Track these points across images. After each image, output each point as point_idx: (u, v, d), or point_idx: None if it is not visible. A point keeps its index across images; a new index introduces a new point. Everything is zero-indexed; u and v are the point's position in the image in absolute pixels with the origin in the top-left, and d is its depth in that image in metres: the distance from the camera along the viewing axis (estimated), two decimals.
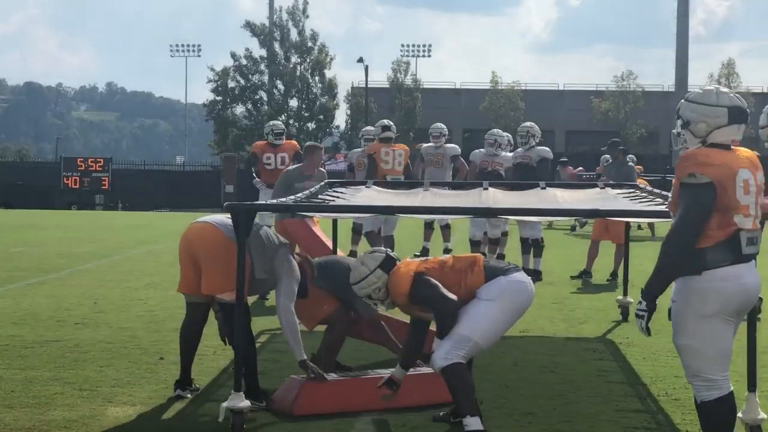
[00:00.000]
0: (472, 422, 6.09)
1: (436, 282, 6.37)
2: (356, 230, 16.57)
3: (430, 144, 17.00)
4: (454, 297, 6.32)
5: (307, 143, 13.45)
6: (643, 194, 9.30)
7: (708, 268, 5.09)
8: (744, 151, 5.25)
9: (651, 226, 24.91)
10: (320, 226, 12.59)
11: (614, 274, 14.80)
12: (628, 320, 10.97)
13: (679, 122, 5.33)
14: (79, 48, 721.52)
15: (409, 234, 15.37)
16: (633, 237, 20.71)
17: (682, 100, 5.40)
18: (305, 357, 7.10)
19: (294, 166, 13.16)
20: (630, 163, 16.69)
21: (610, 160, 25.85)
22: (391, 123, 16.32)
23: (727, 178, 5.04)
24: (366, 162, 16.01)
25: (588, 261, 15.10)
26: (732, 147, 5.21)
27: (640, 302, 5.22)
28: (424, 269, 6.48)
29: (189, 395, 7.36)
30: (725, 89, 5.33)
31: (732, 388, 5.30)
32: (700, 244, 5.08)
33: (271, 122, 16.42)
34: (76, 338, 9.62)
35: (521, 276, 6.51)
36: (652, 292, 5.20)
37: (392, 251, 6.76)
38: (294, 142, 16.93)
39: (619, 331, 10.44)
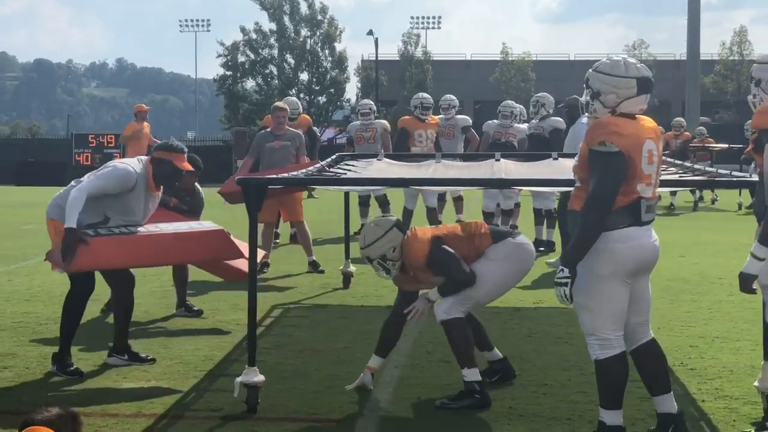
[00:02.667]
0: (470, 373, 6.51)
1: (452, 250, 6.65)
2: (363, 203, 16.57)
3: (440, 116, 16.94)
4: (467, 268, 6.63)
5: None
6: None
7: (606, 230, 5.26)
8: (648, 121, 5.44)
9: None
10: (332, 199, 12.60)
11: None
12: None
13: (587, 92, 5.45)
14: (89, 24, 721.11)
15: (421, 207, 15.33)
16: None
17: (590, 71, 5.50)
18: (74, 226, 7.07)
19: (265, 130, 13.30)
20: None
21: None
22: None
23: (635, 148, 5.20)
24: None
25: None
26: (637, 116, 5.39)
27: (561, 270, 5.31)
28: (440, 234, 6.76)
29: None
30: (632, 60, 5.48)
31: (624, 348, 5.45)
32: None
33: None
34: (89, 314, 9.59)
35: (526, 239, 6.92)
36: (573, 259, 5.30)
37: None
38: (307, 117, 16.90)
39: None
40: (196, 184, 9.61)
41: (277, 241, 14.91)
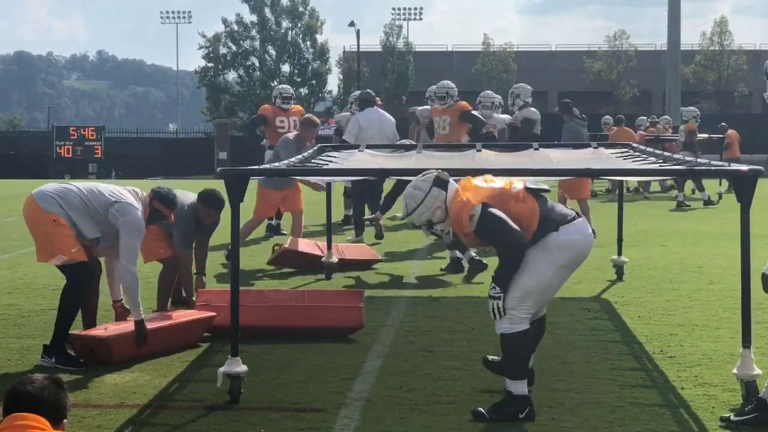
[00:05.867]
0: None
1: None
2: (348, 194, 16.61)
3: (424, 107, 16.96)
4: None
5: (308, 116, 13.59)
6: (636, 153, 9.30)
7: (563, 224, 5.81)
8: None
9: (642, 184, 24.91)
10: (310, 189, 12.68)
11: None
12: (623, 279, 11.00)
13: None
14: (69, 16, 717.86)
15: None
16: (628, 197, 20.75)
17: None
18: (143, 317, 7.49)
19: (295, 134, 13.26)
20: (574, 122, 16.19)
21: (610, 122, 25.53)
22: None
23: None
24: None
25: None
26: None
27: (493, 287, 5.79)
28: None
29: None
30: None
31: (528, 327, 5.90)
32: None
33: (280, 86, 16.74)
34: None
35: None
36: (507, 279, 5.79)
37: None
38: (300, 107, 17.01)
39: (613, 290, 10.46)
40: None
41: (284, 232, 14.97)
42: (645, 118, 29.95)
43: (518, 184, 6.05)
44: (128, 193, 7.68)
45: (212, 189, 9.05)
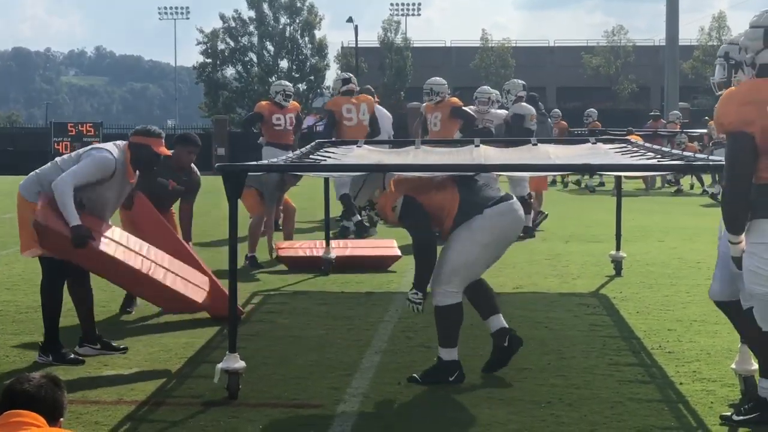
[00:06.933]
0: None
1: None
2: None
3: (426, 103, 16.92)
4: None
5: None
6: (635, 149, 9.29)
7: (486, 206, 6.48)
8: None
9: (645, 180, 24.97)
10: (311, 185, 12.63)
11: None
12: (621, 275, 11.00)
13: None
14: (67, 12, 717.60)
15: None
16: (626, 192, 20.73)
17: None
18: (79, 222, 7.05)
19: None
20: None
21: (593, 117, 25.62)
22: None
23: None
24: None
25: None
26: None
27: (415, 293, 6.53)
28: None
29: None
30: None
31: (461, 300, 6.50)
32: None
33: (283, 82, 16.47)
34: (70, 302, 9.56)
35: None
36: (421, 282, 6.53)
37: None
38: (296, 103, 16.92)
39: (612, 285, 10.47)
40: (192, 164, 9.57)
41: (280, 228, 14.94)
42: (594, 110, 30.07)
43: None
44: (107, 144, 7.56)
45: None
